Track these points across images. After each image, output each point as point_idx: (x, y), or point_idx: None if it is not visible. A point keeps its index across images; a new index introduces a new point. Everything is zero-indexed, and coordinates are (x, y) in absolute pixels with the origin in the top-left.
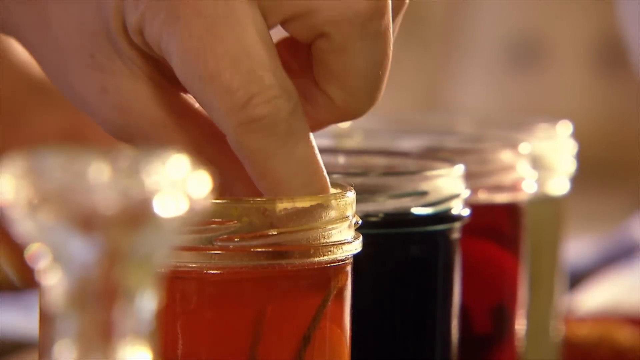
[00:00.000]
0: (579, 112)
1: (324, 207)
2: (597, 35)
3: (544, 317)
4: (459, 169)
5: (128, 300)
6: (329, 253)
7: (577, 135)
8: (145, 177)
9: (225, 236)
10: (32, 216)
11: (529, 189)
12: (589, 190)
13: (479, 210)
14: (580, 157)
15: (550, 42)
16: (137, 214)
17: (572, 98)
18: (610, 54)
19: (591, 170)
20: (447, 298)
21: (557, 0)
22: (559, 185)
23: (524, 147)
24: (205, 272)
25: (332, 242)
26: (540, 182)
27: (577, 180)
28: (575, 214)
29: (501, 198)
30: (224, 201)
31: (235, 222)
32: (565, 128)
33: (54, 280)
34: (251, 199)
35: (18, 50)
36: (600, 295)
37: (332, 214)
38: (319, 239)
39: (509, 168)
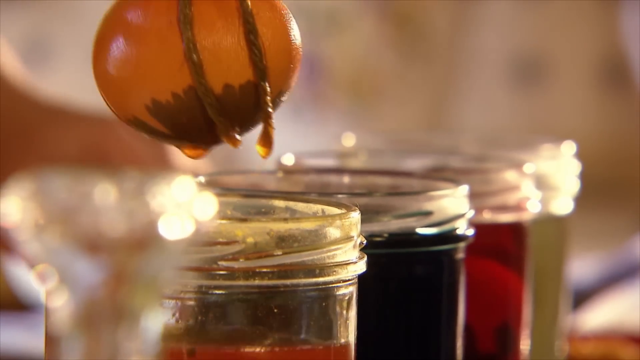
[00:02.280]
0: (583, 130)
1: (328, 227)
2: (600, 54)
3: (548, 336)
4: (464, 189)
5: (133, 321)
6: (334, 273)
7: (580, 154)
8: (150, 199)
9: (230, 257)
10: (39, 237)
11: (533, 208)
12: (593, 209)
13: (483, 229)
14: (584, 176)
15: (553, 60)
16: (143, 236)
17: (576, 117)
18: (613, 72)
19: (595, 189)
20: (452, 317)
21: (561, 19)
22: (563, 204)
23: (528, 167)
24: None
25: (336, 262)
26: (544, 201)
27: (581, 199)
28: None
29: (505, 218)
30: (228, 222)
31: (240, 242)
32: (569, 148)
33: (60, 301)
34: (256, 219)
35: (20, 74)
36: (604, 314)
37: (337, 234)
38: (324, 260)
39: (513, 188)
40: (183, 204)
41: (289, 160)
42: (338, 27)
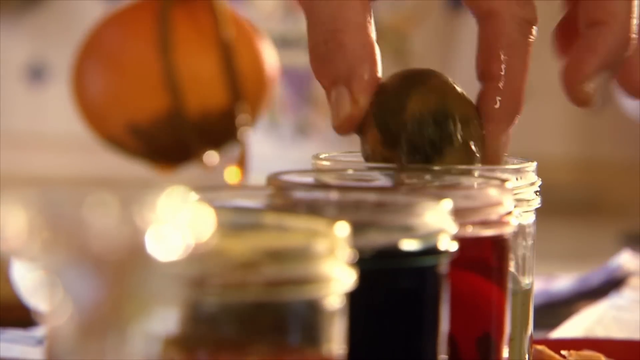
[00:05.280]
0: (562, 150)
1: (317, 242)
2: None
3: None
4: (447, 204)
5: (134, 335)
6: (323, 288)
7: (560, 173)
8: (144, 214)
9: (220, 271)
10: (42, 252)
11: (514, 223)
12: (575, 228)
13: (465, 243)
14: (565, 195)
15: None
16: (136, 251)
17: (556, 136)
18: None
19: (576, 208)
20: (435, 329)
21: (537, 41)
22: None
23: (509, 183)
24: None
25: (325, 276)
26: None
27: (562, 218)
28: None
29: (487, 232)
30: (219, 236)
31: (230, 257)
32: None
33: (61, 316)
34: (245, 234)
35: None
36: (581, 327)
37: (326, 249)
38: (313, 274)
39: (494, 203)
40: (175, 218)
41: (277, 176)
42: None
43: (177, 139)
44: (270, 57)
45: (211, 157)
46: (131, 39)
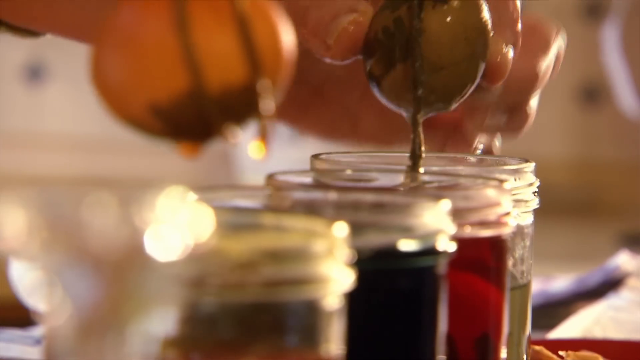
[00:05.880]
0: (562, 150)
1: (316, 242)
2: (579, 75)
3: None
4: (446, 204)
5: (133, 335)
6: (321, 288)
7: (558, 173)
8: (143, 214)
9: (219, 271)
10: (41, 252)
11: (512, 223)
12: (574, 228)
13: (464, 244)
14: (563, 195)
15: None
16: (141, 251)
17: (555, 137)
18: (591, 93)
19: (574, 209)
20: (434, 329)
21: None
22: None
23: (507, 184)
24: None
25: (324, 277)
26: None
27: (560, 218)
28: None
29: (485, 232)
30: (218, 236)
31: (229, 257)
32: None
33: (60, 316)
34: (244, 234)
35: None
36: (578, 327)
37: (325, 249)
38: (312, 274)
39: (493, 204)
40: (174, 218)
41: (276, 176)
42: None
43: (199, 116)
44: (286, 30)
45: (234, 132)
46: (148, 19)
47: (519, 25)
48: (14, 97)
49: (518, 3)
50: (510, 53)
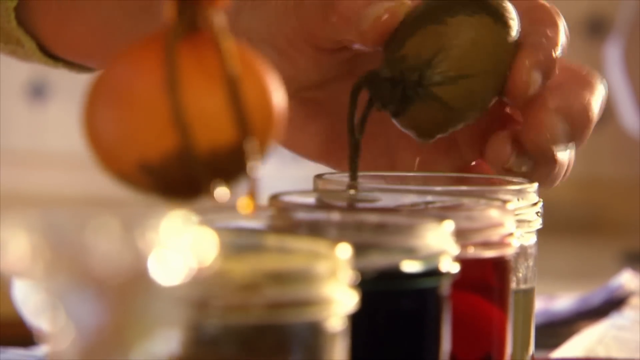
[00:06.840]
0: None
1: (319, 264)
2: None
3: None
4: (449, 225)
5: (137, 358)
6: (325, 310)
7: (560, 191)
8: (150, 237)
9: (221, 293)
10: (45, 275)
11: (515, 244)
12: (576, 247)
13: (467, 265)
14: (565, 213)
15: None
16: (144, 274)
17: None
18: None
19: (576, 227)
20: (437, 350)
21: None
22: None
23: (511, 204)
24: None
25: (327, 298)
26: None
27: (563, 236)
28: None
29: (488, 253)
30: (220, 258)
31: (231, 279)
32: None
33: (64, 340)
34: (247, 256)
35: None
36: (581, 347)
37: (328, 271)
38: (315, 296)
39: (496, 224)
40: (177, 241)
41: (279, 197)
42: None
43: (187, 176)
44: (277, 91)
45: (222, 192)
46: (139, 77)
47: (557, 53)
48: (16, 115)
49: (562, 32)
50: (538, 76)
